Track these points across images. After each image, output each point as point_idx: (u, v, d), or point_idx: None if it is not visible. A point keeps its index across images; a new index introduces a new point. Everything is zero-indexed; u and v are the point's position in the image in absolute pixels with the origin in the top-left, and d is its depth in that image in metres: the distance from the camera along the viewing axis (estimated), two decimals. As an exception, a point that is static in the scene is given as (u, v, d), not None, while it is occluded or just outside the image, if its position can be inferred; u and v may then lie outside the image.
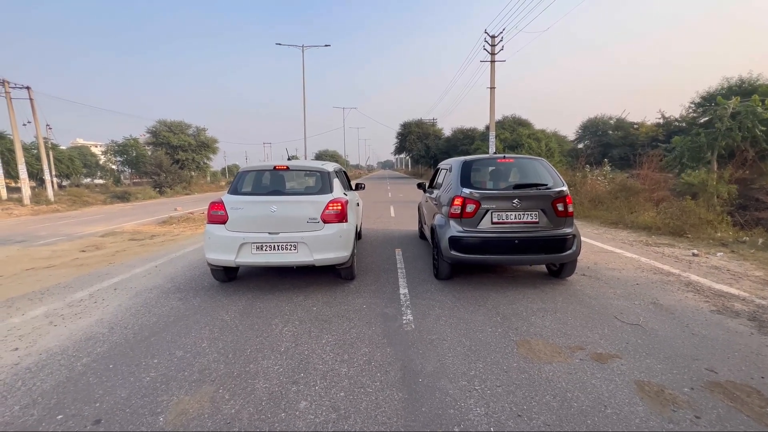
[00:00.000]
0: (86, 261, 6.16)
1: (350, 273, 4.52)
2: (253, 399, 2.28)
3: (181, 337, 3.13)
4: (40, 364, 2.72)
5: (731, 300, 3.76)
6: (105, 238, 8.52)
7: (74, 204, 19.44)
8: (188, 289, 4.40)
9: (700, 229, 7.19)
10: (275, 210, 4.01)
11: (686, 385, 2.35)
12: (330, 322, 3.40)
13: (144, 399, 2.29)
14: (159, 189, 26.89)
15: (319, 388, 2.39)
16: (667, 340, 2.96)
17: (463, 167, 4.43)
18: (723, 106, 14.83)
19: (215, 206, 4.12)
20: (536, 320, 3.38)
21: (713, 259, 5.39)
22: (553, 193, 4.12)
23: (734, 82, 19.16)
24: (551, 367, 2.60)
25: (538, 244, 4.06)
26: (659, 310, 3.57)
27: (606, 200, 10.33)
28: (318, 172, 4.57)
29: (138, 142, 41.99)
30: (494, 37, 20.19)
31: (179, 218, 11.71)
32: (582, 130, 36.77)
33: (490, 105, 20.75)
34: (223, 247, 4.00)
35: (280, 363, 2.70)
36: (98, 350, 2.93)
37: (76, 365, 2.70)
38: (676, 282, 4.38)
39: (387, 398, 2.28)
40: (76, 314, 3.70)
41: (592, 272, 4.84)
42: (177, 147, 34.41)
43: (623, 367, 2.57)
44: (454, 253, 4.14)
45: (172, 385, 2.43)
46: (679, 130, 22.70)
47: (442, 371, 2.56)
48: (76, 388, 2.41)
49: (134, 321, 3.50)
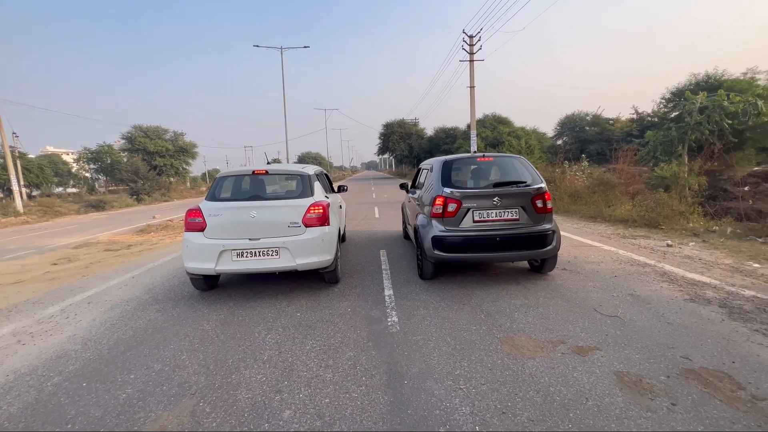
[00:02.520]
0: (58, 274, 5.90)
1: (334, 276, 4.48)
2: (235, 411, 2.22)
3: (160, 350, 3.02)
4: (7, 387, 2.57)
5: (703, 288, 3.91)
6: (78, 250, 8.19)
7: (45, 215, 18.61)
8: (167, 300, 4.27)
9: (673, 220, 7.46)
10: (255, 215, 3.94)
11: (663, 374, 2.42)
12: (314, 328, 3.35)
13: (119, 417, 2.20)
14: (136, 196, 26.07)
15: (304, 395, 2.35)
16: (644, 330, 3.05)
17: (443, 167, 4.46)
18: (691, 101, 15.44)
19: (192, 213, 4.01)
20: (519, 316, 3.42)
21: (686, 249, 5.59)
22: (532, 190, 4.19)
23: (701, 78, 19.97)
24: (534, 362, 2.63)
25: (519, 241, 4.12)
26: (636, 300, 3.67)
27: (584, 195, 10.60)
28: (298, 175, 4.51)
29: (112, 149, 40.58)
30: (472, 37, 20.45)
31: (158, 226, 11.37)
32: (560, 127, 37.71)
33: (471, 104, 21.00)
34: (203, 255, 3.90)
35: (263, 372, 2.64)
36: (70, 368, 2.80)
37: (46, 385, 2.57)
38: (651, 273, 4.52)
39: (372, 402, 2.26)
40: (47, 331, 3.54)
41: (572, 266, 4.94)
42: (154, 153, 33.48)
43: (603, 359, 2.63)
44: (438, 252, 4.16)
45: (149, 400, 2.35)
46: (651, 125, 23.53)
47: (428, 372, 2.56)
48: (46, 410, 2.29)
49: (109, 335, 3.36)
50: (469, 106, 21.10)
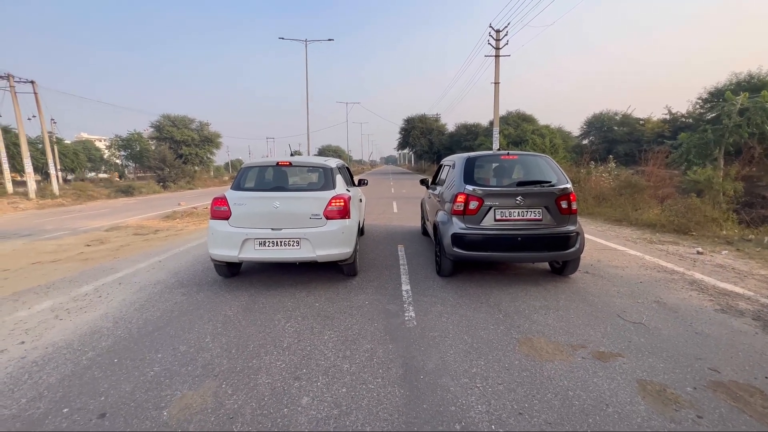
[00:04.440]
0: (91, 255, 6.21)
1: (352, 269, 4.53)
2: (255, 394, 2.30)
3: (185, 332, 3.15)
4: (46, 358, 2.75)
5: (736, 299, 3.74)
6: (110, 233, 8.59)
7: (79, 198, 19.58)
8: (191, 284, 4.43)
9: (705, 227, 7.13)
10: (278, 206, 4.02)
11: (689, 385, 2.34)
12: (332, 319, 3.41)
13: (148, 393, 2.31)
14: (163, 183, 27.02)
15: (321, 384, 2.41)
16: (670, 339, 2.95)
17: (466, 164, 4.41)
18: (731, 102, 14.63)
19: (218, 202, 4.13)
20: (538, 318, 3.37)
21: (718, 258, 5.35)
22: (557, 191, 4.09)
23: (743, 78, 18.88)
24: (553, 365, 2.60)
25: (541, 242, 4.05)
26: (663, 308, 3.55)
27: (610, 197, 10.26)
28: (321, 168, 4.56)
29: (142, 137, 42.09)
30: (499, 32, 19.98)
31: (183, 213, 11.77)
32: (587, 126, 36.44)
33: (495, 100, 20.59)
34: (227, 243, 4.02)
35: (283, 359, 2.71)
36: (103, 344, 2.96)
37: (81, 359, 2.73)
38: (680, 280, 4.36)
39: (388, 395, 2.29)
40: (81, 308, 3.74)
41: (595, 270, 4.82)
42: (180, 142, 34.48)
43: (625, 366, 2.57)
44: (457, 250, 4.13)
45: (175, 379, 2.46)
46: (685, 126, 22.47)
47: (444, 368, 2.57)
48: (81, 382, 2.44)
49: (138, 316, 3.53)
50: (491, 102, 20.71)
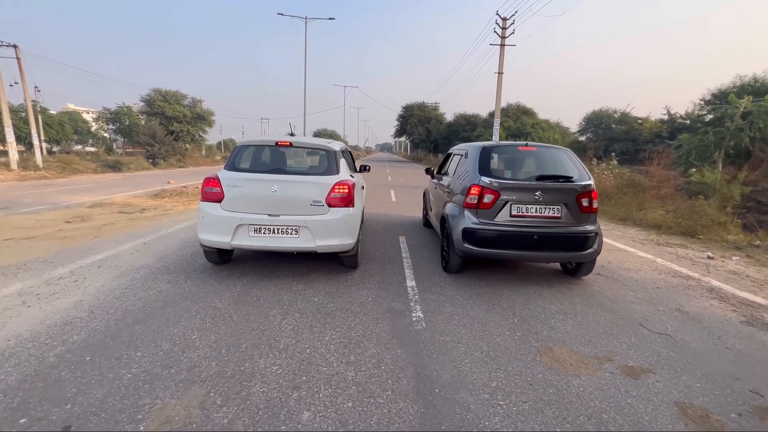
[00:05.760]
0: (70, 233, 5.78)
1: (354, 261, 4.23)
2: (248, 406, 2.00)
3: (169, 327, 2.83)
4: (7, 353, 2.40)
5: (759, 310, 3.54)
6: (93, 209, 8.10)
7: (63, 171, 18.75)
8: (179, 271, 4.08)
9: (711, 230, 6.97)
10: (276, 190, 3.66)
11: (732, 410, 2.12)
12: (333, 316, 3.12)
13: (123, 401, 2.00)
14: (152, 160, 26.12)
15: (324, 395, 2.12)
16: (700, 353, 2.73)
17: (482, 153, 4.09)
18: (734, 105, 14.47)
19: (210, 182, 3.76)
20: (556, 324, 3.12)
21: (729, 264, 5.17)
22: (579, 187, 3.82)
23: (747, 81, 18.73)
24: (580, 380, 2.35)
25: (558, 241, 3.78)
26: (686, 318, 3.33)
27: (614, 195, 10.08)
28: (324, 150, 4.19)
29: (131, 111, 40.59)
30: (506, 20, 19.42)
31: (172, 192, 11.27)
32: (585, 122, 36.21)
33: (497, 91, 20.16)
34: (218, 228, 3.66)
35: (279, 363, 2.42)
36: (75, 338, 2.62)
37: (48, 356, 2.40)
38: (697, 287, 4.16)
39: (401, 411, 2.02)
40: (54, 294, 3.38)
41: (607, 272, 4.59)
42: (172, 118, 33.28)
43: (659, 385, 2.33)
44: (468, 245, 3.85)
45: (156, 384, 2.15)
46: (683, 128, 22.36)
47: (461, 381, 2.30)
48: (45, 385, 2.11)
49: (118, 305, 3.18)
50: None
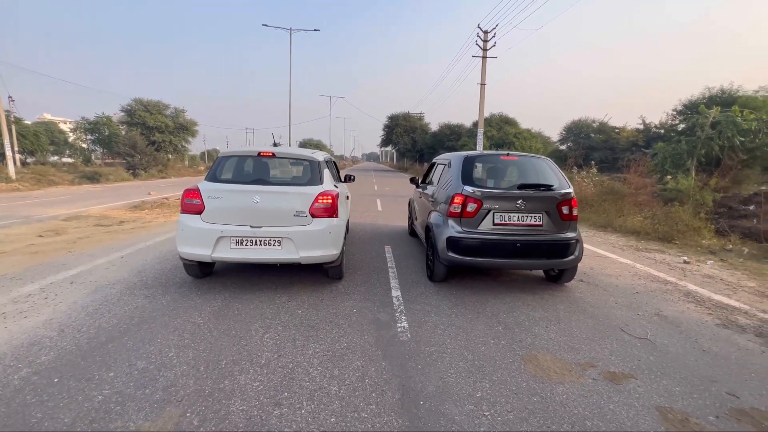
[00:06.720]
0: (42, 248, 5.55)
1: (338, 272, 4.18)
2: (227, 426, 1.93)
3: (145, 344, 2.72)
4: (-33, 377, 2.27)
5: (733, 313, 3.65)
6: (68, 222, 7.82)
7: (38, 183, 18.10)
8: (157, 285, 3.95)
9: (687, 235, 7.21)
10: (258, 201, 3.61)
11: (711, 413, 2.15)
12: (317, 329, 3.06)
13: (92, 425, 1.89)
14: (132, 171, 25.50)
15: (306, 411, 2.06)
16: (678, 357, 2.78)
17: (464, 163, 4.14)
18: (704, 115, 15.17)
19: (190, 194, 3.68)
20: (540, 331, 3.15)
21: (705, 268, 5.34)
22: (559, 195, 3.89)
23: (715, 92, 19.66)
24: (564, 387, 2.36)
25: (541, 249, 3.84)
26: (664, 322, 3.41)
27: (594, 203, 10.34)
28: (307, 161, 4.17)
29: (111, 121, 39.64)
30: (487, 33, 19.96)
31: (152, 203, 10.99)
32: (566, 132, 37.29)
33: (480, 101, 20.58)
34: (199, 241, 3.58)
35: (261, 379, 2.35)
36: (42, 359, 2.49)
37: (13, 378, 2.26)
38: (674, 291, 4.27)
39: (385, 425, 1.98)
40: (21, 312, 3.21)
41: (589, 278, 4.68)
42: (153, 128, 32.67)
43: (640, 390, 2.36)
44: (452, 254, 3.86)
45: (128, 406, 2.05)
46: (657, 137, 23.27)
47: (446, 392, 2.28)
48: (8, 410, 1.99)
49: (90, 322, 3.05)
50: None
